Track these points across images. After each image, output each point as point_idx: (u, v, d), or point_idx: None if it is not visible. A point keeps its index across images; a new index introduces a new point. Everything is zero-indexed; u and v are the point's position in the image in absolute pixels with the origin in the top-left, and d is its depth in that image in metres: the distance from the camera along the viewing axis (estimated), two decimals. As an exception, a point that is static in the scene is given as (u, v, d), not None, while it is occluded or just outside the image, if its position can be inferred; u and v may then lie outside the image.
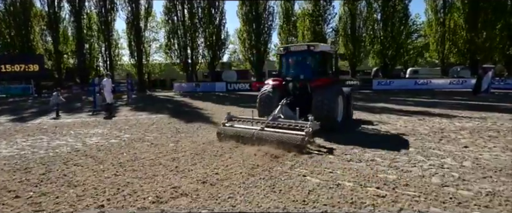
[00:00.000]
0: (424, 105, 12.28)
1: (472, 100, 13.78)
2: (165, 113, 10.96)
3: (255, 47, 29.31)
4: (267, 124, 5.58)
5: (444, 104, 12.40)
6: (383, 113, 9.78)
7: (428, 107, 11.24)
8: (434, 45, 29.11)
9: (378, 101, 14.59)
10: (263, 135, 5.12)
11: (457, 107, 10.94)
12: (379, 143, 5.35)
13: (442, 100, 14.63)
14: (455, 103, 12.63)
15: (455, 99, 14.99)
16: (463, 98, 15.42)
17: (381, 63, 28.40)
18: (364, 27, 27.71)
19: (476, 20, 26.33)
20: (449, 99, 15.40)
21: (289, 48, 7.08)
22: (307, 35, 28.60)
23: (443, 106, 11.63)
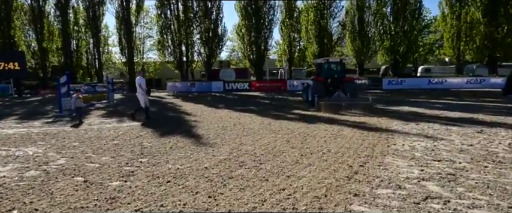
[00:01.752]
0: (458, 108, 10.10)
1: (509, 103, 11.59)
2: (142, 120, 8.81)
3: (255, 44, 27.12)
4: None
5: (484, 108, 10.20)
6: (419, 120, 7.60)
7: (466, 112, 9.06)
8: (449, 41, 26.89)
9: (398, 103, 12.41)
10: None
11: (506, 112, 8.75)
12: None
13: (473, 102, 12.45)
14: (494, 106, 10.45)
15: (486, 101, 12.80)
16: (496, 99, 13.23)
17: (391, 60, 26.17)
18: (373, 21, 25.48)
19: (495, 13, 24.12)
20: (477, 100, 13.22)
21: (328, 59, 13.71)
22: (311, 30, 26.45)
23: (485, 110, 9.44)
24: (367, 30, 25.92)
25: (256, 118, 8.84)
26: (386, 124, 7.16)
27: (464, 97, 15.28)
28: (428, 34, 34.03)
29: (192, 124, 7.74)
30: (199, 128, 7.05)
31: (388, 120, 7.84)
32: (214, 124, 7.74)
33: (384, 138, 5.57)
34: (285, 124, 7.57)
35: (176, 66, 27.75)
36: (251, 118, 8.75)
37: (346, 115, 9.05)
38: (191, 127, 7.34)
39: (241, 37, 27.34)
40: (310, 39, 26.89)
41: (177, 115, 10.04)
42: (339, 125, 7.12)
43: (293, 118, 8.61)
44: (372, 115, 8.92)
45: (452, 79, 24.58)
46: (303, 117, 8.81)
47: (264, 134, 6.18)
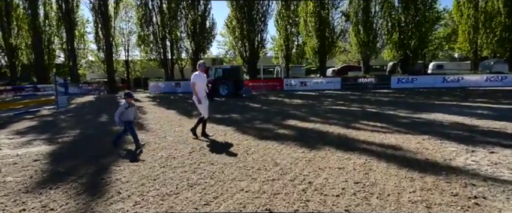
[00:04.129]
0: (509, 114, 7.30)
1: None
2: (69, 137, 5.95)
3: (247, 38, 24.21)
4: None
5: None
6: (481, 141, 4.76)
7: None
8: (465, 34, 24.03)
9: (423, 108, 9.58)
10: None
11: None
12: None
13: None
14: None
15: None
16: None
17: (401, 55, 23.29)
18: (381, 11, 22.59)
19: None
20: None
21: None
22: (310, 22, 23.55)
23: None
24: (374, 22, 23.04)
25: (232, 136, 5.99)
26: (438, 151, 4.33)
27: (499, 98, 12.45)
28: (437, 28, 31.21)
29: (121, 154, 4.84)
30: (122, 165, 4.18)
31: (432, 141, 5.00)
32: (159, 151, 4.88)
33: (465, 197, 2.73)
34: (273, 150, 4.73)
35: (159, 63, 24.78)
36: (224, 136, 5.90)
37: (364, 129, 6.21)
38: (111, 162, 4.44)
39: (231, 31, 24.41)
40: (310, 33, 24.00)
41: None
42: (361, 155, 4.29)
43: (286, 137, 5.76)
44: (401, 129, 6.09)
45: (470, 77, 21.76)
46: (300, 134, 5.97)
47: (230, 183, 3.32)
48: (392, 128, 6.35)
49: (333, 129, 6.38)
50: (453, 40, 30.66)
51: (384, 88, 21.36)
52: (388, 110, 9.27)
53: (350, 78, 23.07)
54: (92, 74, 37.11)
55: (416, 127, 6.40)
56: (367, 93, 18.10)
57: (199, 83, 5.50)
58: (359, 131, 6.03)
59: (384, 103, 11.79)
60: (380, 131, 5.99)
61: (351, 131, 6.11)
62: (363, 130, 6.25)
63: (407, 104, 11.12)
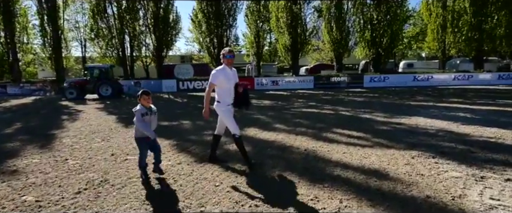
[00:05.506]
0: (495, 118, 6.45)
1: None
2: None
3: (215, 34, 22.48)
4: None
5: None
6: (485, 159, 3.65)
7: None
8: (433, 33, 24.16)
9: (401, 110, 8.62)
10: None
11: None
12: None
13: (500, 106, 9.02)
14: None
15: None
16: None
17: (373, 54, 22.85)
18: (353, 8, 21.95)
19: (484, 2, 21.63)
20: (498, 104, 9.91)
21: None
22: (282, 18, 22.32)
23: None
24: (347, 19, 22.36)
25: (168, 154, 4.43)
26: (437, 180, 3.11)
27: (473, 98, 11.99)
28: (407, 27, 31.58)
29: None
30: None
31: (425, 160, 3.80)
32: (30, 190, 3.20)
33: None
34: (209, 183, 3.24)
35: (116, 60, 22.27)
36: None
37: (338, 141, 4.93)
38: None
39: (197, 26, 22.52)
40: (281, 29, 22.80)
41: (14, 150, 5.26)
42: (333, 191, 2.94)
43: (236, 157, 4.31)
44: (382, 140, 4.89)
45: (439, 76, 21.85)
46: (257, 152, 4.54)
47: None
48: (372, 139, 5.13)
49: (299, 142, 5.03)
50: (421, 40, 31.15)
51: (357, 87, 20.75)
52: (364, 114, 8.17)
53: (323, 76, 22.24)
54: (44, 72, 33.25)
55: (399, 136, 5.25)
56: (340, 92, 17.26)
57: (223, 83, 3.55)
58: (332, 145, 4.73)
59: (358, 104, 10.78)
60: (357, 145, 4.73)
61: (321, 145, 4.79)
62: (337, 142, 4.96)
63: (383, 105, 10.17)
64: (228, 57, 3.62)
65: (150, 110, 3.24)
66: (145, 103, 3.21)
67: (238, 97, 3.73)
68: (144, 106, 3.21)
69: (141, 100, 3.19)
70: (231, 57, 3.63)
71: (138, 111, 3.16)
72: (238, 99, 3.73)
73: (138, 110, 3.17)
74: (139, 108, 3.18)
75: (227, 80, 3.60)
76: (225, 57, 3.62)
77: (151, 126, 3.26)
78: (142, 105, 3.20)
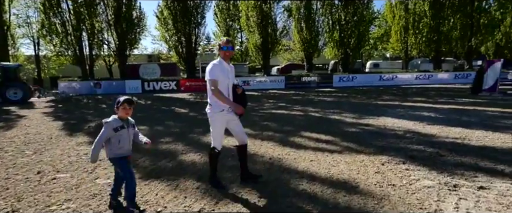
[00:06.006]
0: (457, 117, 6.56)
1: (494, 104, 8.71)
2: None
3: (183, 32, 21.49)
4: None
5: (487, 116, 6.84)
6: (456, 165, 3.47)
7: (482, 127, 5.42)
8: (397, 34, 25.24)
9: (368, 110, 8.60)
10: None
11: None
12: None
13: (457, 105, 9.36)
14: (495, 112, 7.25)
15: (467, 103, 9.89)
16: (475, 100, 10.46)
17: (342, 54, 23.30)
18: (322, 8, 22.17)
19: (442, 5, 22.98)
20: (456, 102, 10.34)
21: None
22: (252, 17, 21.93)
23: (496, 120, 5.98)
24: (316, 19, 22.54)
25: (103, 171, 3.73)
26: (409, 190, 2.84)
27: (434, 97, 12.46)
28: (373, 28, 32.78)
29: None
30: None
31: (395, 166, 3.55)
32: None
33: None
34: (150, 208, 2.66)
35: (73, 59, 20.42)
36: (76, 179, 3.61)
37: (306, 146, 4.58)
38: None
39: (163, 23, 21.36)
40: (252, 28, 22.42)
41: None
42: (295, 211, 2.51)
43: (190, 169, 3.76)
44: (351, 144, 4.62)
45: (402, 75, 22.87)
46: (217, 162, 4.04)
47: None
48: (341, 143, 4.85)
49: (265, 149, 4.60)
50: (385, 41, 32.50)
51: (326, 86, 21.01)
52: (333, 115, 7.99)
53: (294, 76, 22.24)
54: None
55: (368, 139, 5.02)
56: (311, 92, 17.27)
57: (220, 82, 2.84)
58: (299, 152, 4.35)
59: (327, 104, 10.67)
60: (326, 150, 4.39)
61: (288, 152, 4.39)
62: (304, 148, 4.60)
63: (352, 105, 10.14)
64: (225, 48, 2.86)
65: (126, 123, 2.51)
66: (124, 114, 2.46)
67: (237, 100, 2.99)
68: (121, 117, 2.47)
69: (120, 110, 2.45)
70: (230, 49, 2.88)
71: (109, 125, 2.40)
72: (236, 102, 2.97)
73: (110, 123, 2.41)
74: (112, 120, 2.43)
75: (224, 78, 2.85)
76: (222, 49, 2.87)
77: (125, 143, 2.50)
78: (118, 117, 2.47)
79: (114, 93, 19.16)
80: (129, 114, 2.51)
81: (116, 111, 2.47)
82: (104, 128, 2.41)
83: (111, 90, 19.82)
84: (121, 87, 19.93)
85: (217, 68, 2.84)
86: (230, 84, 2.96)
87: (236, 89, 3.01)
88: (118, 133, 2.43)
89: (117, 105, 2.45)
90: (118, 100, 2.46)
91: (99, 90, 19.73)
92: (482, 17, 22.90)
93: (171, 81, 20.83)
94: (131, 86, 20.07)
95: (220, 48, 2.89)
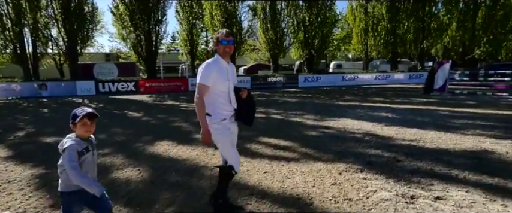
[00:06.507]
0: (412, 117, 6.72)
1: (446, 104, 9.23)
2: None
3: (142, 30, 20.18)
4: None
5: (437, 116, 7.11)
6: (418, 176, 3.33)
7: (438, 128, 5.56)
8: (358, 36, 26.26)
9: (330, 111, 8.55)
10: None
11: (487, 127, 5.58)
12: None
13: (412, 105, 9.73)
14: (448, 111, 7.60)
15: (421, 102, 10.38)
16: (428, 99, 11.03)
17: (306, 55, 23.63)
18: (287, 9, 22.25)
19: (397, 9, 24.34)
20: (411, 102, 10.81)
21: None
22: (216, 16, 21.28)
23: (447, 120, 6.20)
24: (281, 20, 22.56)
25: (9, 196, 3.01)
26: (366, 205, 2.58)
27: (391, 97, 12.97)
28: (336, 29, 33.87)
29: None
30: None
31: (352, 176, 3.33)
32: None
33: None
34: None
35: (13, 58, 18.12)
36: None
37: (262, 154, 4.21)
38: None
39: (119, 19, 19.84)
40: (216, 27, 21.75)
41: None
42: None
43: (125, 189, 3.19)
44: (310, 150, 4.35)
45: (363, 76, 23.80)
46: (158, 176, 3.50)
47: None
48: (299, 149, 4.56)
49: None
50: (347, 42, 33.76)
51: (292, 87, 21.09)
52: (295, 117, 7.78)
53: (260, 77, 22.03)
54: None
55: (328, 144, 4.81)
56: (276, 92, 17.15)
57: (218, 84, 2.30)
58: (253, 162, 3.96)
59: (291, 106, 10.50)
60: (283, 159, 4.06)
61: (242, 162, 3.97)
62: (260, 156, 4.23)
63: (315, 106, 10.07)
64: (224, 42, 2.27)
65: (90, 144, 1.89)
66: (84, 132, 1.83)
67: (242, 106, 2.42)
68: (81, 136, 1.84)
69: (78, 127, 1.81)
70: (231, 43, 2.30)
71: (72, 148, 1.75)
72: (241, 109, 2.42)
73: (71, 146, 1.75)
74: (73, 143, 1.77)
75: (224, 80, 2.29)
76: (221, 44, 2.28)
77: (89, 171, 1.86)
78: (77, 136, 1.83)
79: (62, 95, 17.34)
80: (91, 132, 1.87)
81: (73, 128, 1.82)
82: (67, 154, 1.73)
83: (59, 92, 17.90)
84: (71, 89, 18.09)
85: (213, 69, 2.23)
86: (231, 87, 2.36)
87: (240, 93, 2.39)
88: (82, 159, 1.80)
89: (74, 120, 1.80)
90: (74, 113, 1.82)
91: (45, 92, 17.70)
92: (432, 21, 24.67)
93: (129, 81, 19.42)
94: (83, 87, 18.33)
95: (218, 42, 2.29)
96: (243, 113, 2.42)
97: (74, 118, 1.80)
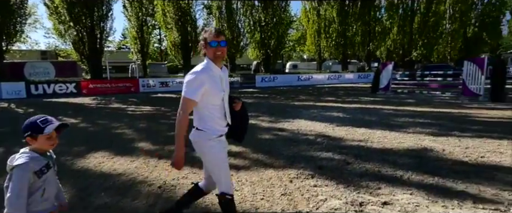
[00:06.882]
0: (360, 117, 7.01)
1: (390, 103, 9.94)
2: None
3: (84, 25, 18.24)
4: None
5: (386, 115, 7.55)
6: (367, 180, 3.31)
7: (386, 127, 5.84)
8: (311, 38, 27.24)
9: (285, 113, 8.56)
10: None
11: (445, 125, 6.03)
12: None
13: (362, 104, 10.26)
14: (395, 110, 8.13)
15: (371, 101, 11.04)
16: (375, 99, 11.78)
17: (263, 55, 23.76)
18: (243, 9, 22.10)
19: (347, 13, 25.80)
20: (360, 101, 11.44)
21: None
22: (169, 13, 20.21)
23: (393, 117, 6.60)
24: (237, 19, 22.31)
25: None
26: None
27: (342, 96, 13.59)
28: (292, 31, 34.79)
29: None
30: None
31: (303, 184, 3.20)
32: None
33: None
34: None
35: None
36: None
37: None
38: None
39: (54, 12, 17.65)
40: (169, 25, 20.67)
41: None
42: None
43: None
44: (262, 155, 4.15)
45: (317, 76, 24.76)
46: (82, 190, 2.94)
47: None
48: (251, 155, 4.34)
49: (159, 172, 3.70)
50: (302, 43, 34.93)
51: (249, 87, 21.00)
52: (251, 119, 7.53)
53: (217, 77, 21.49)
54: None
55: (281, 148, 4.67)
56: (234, 92, 16.64)
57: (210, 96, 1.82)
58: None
59: (247, 106, 10.27)
60: (232, 167, 3.74)
61: (187, 173, 3.61)
62: (208, 166, 3.88)
63: (270, 107, 10.01)
64: (214, 44, 1.79)
65: (51, 160, 1.54)
66: (48, 146, 1.50)
67: (236, 120, 2.00)
68: (41, 151, 1.48)
69: (41, 141, 1.45)
70: (222, 44, 1.82)
71: (25, 168, 1.36)
72: (236, 123, 2.00)
73: (25, 165, 1.37)
74: (27, 160, 1.38)
75: (217, 91, 1.84)
76: (210, 46, 1.81)
77: (51, 191, 1.51)
78: (34, 150, 1.46)
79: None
80: (55, 145, 1.53)
81: (30, 141, 1.46)
82: (16, 176, 1.34)
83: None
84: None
85: (204, 80, 1.77)
86: (226, 98, 1.93)
87: (233, 105, 1.99)
88: (42, 178, 1.43)
89: (36, 133, 1.42)
90: (34, 123, 1.43)
91: (-41, 96, 14.96)
92: (377, 25, 26.69)
93: (69, 82, 17.43)
94: (10, 90, 15.92)
95: (207, 44, 1.82)
96: (236, 128, 2.02)
97: (36, 130, 1.42)
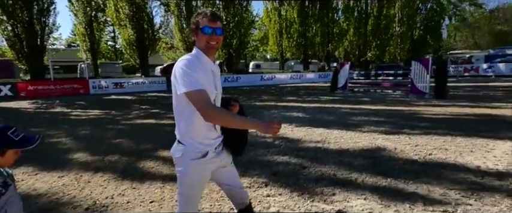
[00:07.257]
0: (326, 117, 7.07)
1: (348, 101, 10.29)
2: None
3: (21, 20, 16.14)
4: None
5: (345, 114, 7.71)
6: (322, 186, 3.17)
7: (346, 127, 5.90)
8: (274, 38, 27.46)
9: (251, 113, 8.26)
10: None
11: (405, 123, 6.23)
12: None
13: (321, 103, 10.44)
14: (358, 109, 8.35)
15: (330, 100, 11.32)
16: (334, 97, 12.12)
17: (225, 54, 23.33)
18: (203, 6, 21.42)
19: (307, 14, 26.45)
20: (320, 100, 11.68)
21: None
22: (122, 8, 18.81)
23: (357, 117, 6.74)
24: (197, 17, 21.56)
25: None
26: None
27: (303, 96, 13.77)
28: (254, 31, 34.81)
29: None
30: None
31: (254, 190, 2.96)
32: None
33: None
34: None
35: None
36: None
37: (150, 178, 3.45)
38: None
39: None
40: (123, 22, 19.25)
41: None
42: None
43: None
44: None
45: (280, 75, 25.02)
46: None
47: None
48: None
49: (91, 188, 3.18)
50: (265, 43, 35.16)
51: (212, 87, 20.45)
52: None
53: (177, 77, 20.57)
54: None
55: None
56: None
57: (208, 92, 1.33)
58: (141, 188, 3.17)
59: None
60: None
61: (125, 189, 3.14)
62: (152, 178, 3.46)
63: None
64: (208, 31, 1.40)
65: (9, 176, 1.25)
66: (12, 161, 1.23)
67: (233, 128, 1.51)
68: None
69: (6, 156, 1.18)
70: (218, 32, 1.44)
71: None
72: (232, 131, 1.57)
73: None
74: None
75: (209, 87, 1.42)
76: (203, 32, 1.41)
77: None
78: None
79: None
80: (14, 159, 1.27)
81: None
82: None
83: None
84: None
85: (197, 67, 1.38)
86: (219, 97, 1.55)
87: (230, 107, 1.64)
88: (3, 199, 1.17)
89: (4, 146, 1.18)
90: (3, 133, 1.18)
91: None
92: (335, 26, 27.81)
93: (3, 84, 15.34)
94: None
95: (199, 29, 1.43)
96: (233, 138, 1.64)
97: (6, 144, 1.17)
